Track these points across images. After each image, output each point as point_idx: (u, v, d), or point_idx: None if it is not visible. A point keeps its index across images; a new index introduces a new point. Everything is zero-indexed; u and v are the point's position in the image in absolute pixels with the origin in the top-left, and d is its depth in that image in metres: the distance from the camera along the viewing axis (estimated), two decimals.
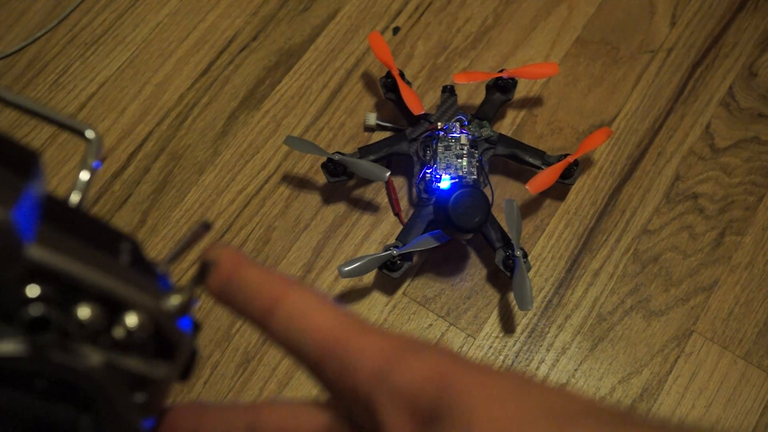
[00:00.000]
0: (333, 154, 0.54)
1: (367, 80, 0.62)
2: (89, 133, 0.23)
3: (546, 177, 0.54)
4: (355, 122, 0.60)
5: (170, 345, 0.21)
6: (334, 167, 0.55)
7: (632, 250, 0.56)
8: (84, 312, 0.19)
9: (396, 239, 0.54)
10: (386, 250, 0.52)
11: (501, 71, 0.58)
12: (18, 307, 0.18)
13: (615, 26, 0.64)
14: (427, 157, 0.56)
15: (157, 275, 0.21)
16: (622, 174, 0.59)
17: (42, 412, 0.19)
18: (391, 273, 0.53)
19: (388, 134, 0.59)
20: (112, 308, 0.19)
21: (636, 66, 0.62)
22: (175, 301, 0.20)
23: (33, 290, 0.18)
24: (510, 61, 0.63)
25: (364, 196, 0.58)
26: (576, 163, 0.56)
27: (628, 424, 0.17)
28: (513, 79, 0.58)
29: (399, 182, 0.58)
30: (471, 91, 0.61)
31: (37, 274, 0.18)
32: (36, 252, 0.18)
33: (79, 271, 0.19)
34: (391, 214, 0.57)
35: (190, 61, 0.62)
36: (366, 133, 0.60)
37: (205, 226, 0.22)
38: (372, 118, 0.59)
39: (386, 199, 0.58)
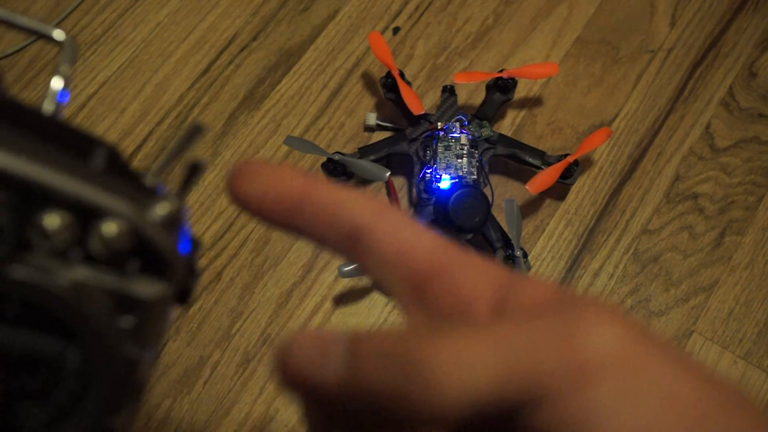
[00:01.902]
0: (333, 154, 0.54)
1: (367, 80, 0.62)
2: (58, 35, 0.20)
3: (546, 177, 0.54)
4: (355, 122, 0.60)
5: (160, 261, 0.18)
6: (334, 167, 0.55)
7: (632, 250, 0.56)
8: (50, 220, 0.16)
9: None
10: None
11: (501, 71, 0.58)
12: None
13: (615, 26, 0.64)
14: (427, 157, 0.56)
15: (142, 185, 0.19)
16: (622, 174, 0.59)
17: (20, 344, 0.17)
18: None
19: (388, 134, 0.59)
20: (85, 218, 0.17)
21: (636, 66, 0.62)
22: (161, 209, 0.18)
23: None
24: (510, 61, 0.63)
25: None
26: (576, 163, 0.56)
27: None
28: (513, 79, 0.58)
29: (399, 182, 0.58)
30: (471, 91, 0.61)
31: None
32: None
33: (41, 173, 0.16)
34: None
35: (190, 61, 0.62)
36: (366, 133, 0.60)
37: (197, 129, 0.19)
38: (372, 118, 0.59)
39: (386, 199, 0.58)
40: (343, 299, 0.55)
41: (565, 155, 0.56)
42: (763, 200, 0.58)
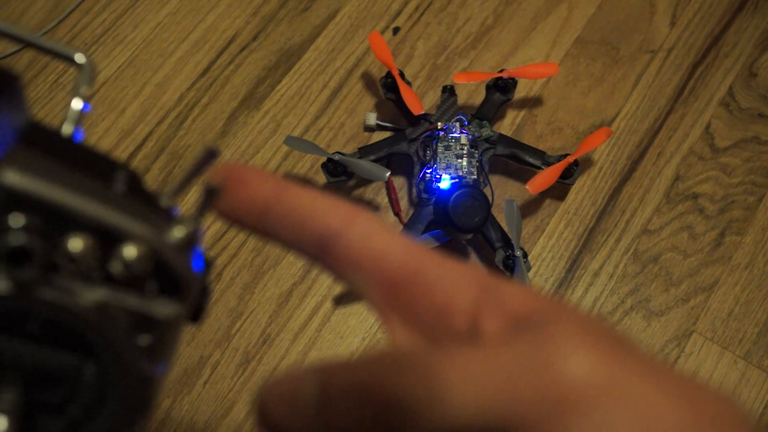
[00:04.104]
0: (333, 154, 0.54)
1: (367, 80, 0.62)
2: (79, 58, 0.20)
3: (546, 177, 0.54)
4: (355, 122, 0.60)
5: (176, 282, 0.18)
6: (334, 167, 0.55)
7: (632, 250, 0.56)
8: (74, 244, 0.17)
9: None
10: None
11: (501, 71, 0.58)
12: None
13: (615, 26, 0.64)
14: (427, 157, 0.56)
15: (159, 207, 0.19)
16: (622, 174, 0.59)
17: (41, 360, 0.17)
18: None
19: (388, 134, 0.59)
20: (106, 241, 0.17)
21: (636, 66, 0.62)
22: (178, 232, 0.18)
23: (16, 220, 0.16)
24: (510, 61, 0.63)
25: (364, 196, 0.58)
26: (576, 163, 0.56)
27: None
28: (513, 79, 0.58)
29: (399, 182, 0.58)
30: (471, 91, 0.61)
31: (21, 204, 0.16)
32: (13, 177, 0.16)
33: (66, 198, 0.17)
34: (391, 214, 0.57)
35: (190, 61, 0.62)
36: (366, 133, 0.60)
37: (211, 153, 0.20)
38: (372, 118, 0.59)
39: (386, 199, 0.58)
40: (343, 299, 0.55)
41: (565, 155, 0.56)
42: (763, 200, 0.58)
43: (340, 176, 0.55)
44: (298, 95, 0.61)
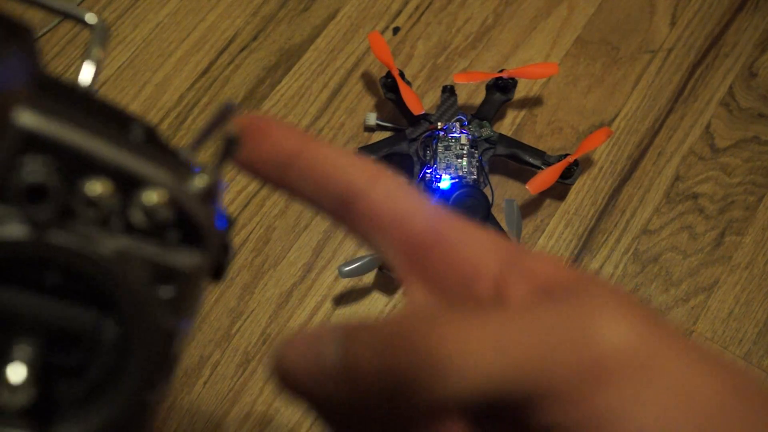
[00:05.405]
0: None
1: (367, 80, 0.62)
2: (90, 18, 0.20)
3: (546, 177, 0.54)
4: (355, 122, 0.60)
5: (197, 232, 0.18)
6: None
7: (632, 250, 0.56)
8: (92, 187, 0.16)
9: None
10: None
11: (501, 71, 0.58)
12: (15, 180, 0.15)
13: (615, 26, 0.64)
14: (427, 157, 0.56)
15: (177, 158, 0.19)
16: (622, 174, 0.59)
17: (58, 316, 0.17)
18: (391, 273, 0.53)
19: (388, 134, 0.59)
20: (125, 187, 0.17)
21: (636, 66, 0.62)
22: (199, 182, 0.18)
23: (33, 159, 0.16)
24: (510, 61, 0.63)
25: None
26: (576, 163, 0.56)
27: None
28: (513, 79, 0.58)
29: None
30: (471, 91, 0.61)
31: (37, 146, 0.16)
32: (29, 117, 0.16)
33: (84, 140, 0.16)
34: None
35: (190, 61, 0.62)
36: (366, 133, 0.60)
37: (229, 108, 0.19)
38: (372, 118, 0.59)
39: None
40: (343, 299, 0.55)
41: (565, 155, 0.56)
42: (763, 200, 0.58)
43: None
44: (298, 95, 0.61)
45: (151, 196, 0.17)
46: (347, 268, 0.51)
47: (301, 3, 0.65)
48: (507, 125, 0.60)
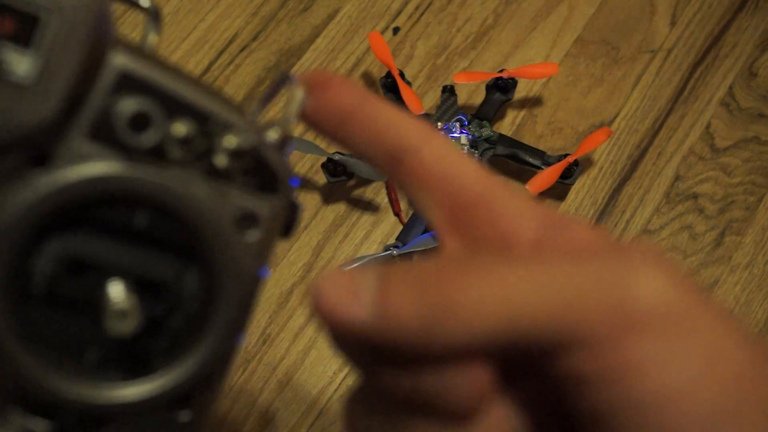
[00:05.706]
0: (333, 153, 0.54)
1: (367, 80, 0.62)
2: (144, 1, 0.20)
3: (546, 177, 0.54)
4: None
5: (275, 181, 0.18)
6: (334, 167, 0.55)
7: None
8: (181, 128, 0.17)
9: (396, 239, 0.54)
10: (386, 250, 0.52)
11: (501, 71, 0.58)
12: (112, 116, 0.16)
13: (615, 26, 0.64)
14: None
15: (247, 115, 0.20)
16: (622, 174, 0.59)
17: (142, 262, 0.17)
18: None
19: None
20: (209, 131, 0.17)
21: (636, 66, 0.62)
22: (274, 133, 0.19)
23: (127, 98, 0.16)
24: (510, 61, 0.63)
25: (364, 196, 0.58)
26: (576, 163, 0.56)
27: None
28: (513, 79, 0.58)
29: None
30: (471, 91, 0.61)
31: (129, 87, 0.17)
32: (122, 59, 0.16)
33: (172, 83, 0.17)
34: (391, 214, 0.57)
35: (190, 61, 0.62)
36: None
37: (284, 76, 0.20)
38: None
39: (386, 199, 0.58)
40: None
41: (565, 155, 0.56)
42: (763, 200, 0.58)
43: (340, 176, 0.55)
44: None
45: (235, 140, 0.17)
46: (347, 269, 0.51)
47: (301, 3, 0.65)
48: (507, 125, 0.60)
